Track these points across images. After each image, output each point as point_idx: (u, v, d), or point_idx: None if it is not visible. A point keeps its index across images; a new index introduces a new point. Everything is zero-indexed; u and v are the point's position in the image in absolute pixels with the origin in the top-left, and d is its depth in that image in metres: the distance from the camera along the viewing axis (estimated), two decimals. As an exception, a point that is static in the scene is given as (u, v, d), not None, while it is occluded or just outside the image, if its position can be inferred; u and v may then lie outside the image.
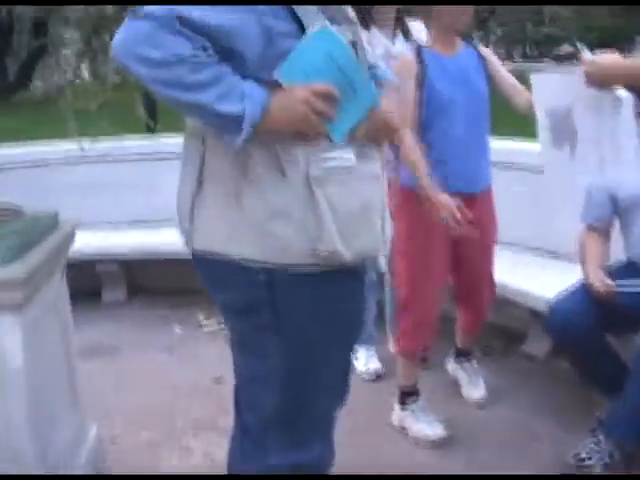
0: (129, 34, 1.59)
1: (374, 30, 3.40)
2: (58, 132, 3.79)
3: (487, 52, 3.13)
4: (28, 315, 2.17)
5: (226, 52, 1.63)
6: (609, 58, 2.42)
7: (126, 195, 5.04)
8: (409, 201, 2.98)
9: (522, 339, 3.94)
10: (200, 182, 1.78)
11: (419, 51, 2.97)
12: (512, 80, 3.06)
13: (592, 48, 2.49)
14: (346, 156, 1.75)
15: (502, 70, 3.08)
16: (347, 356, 1.96)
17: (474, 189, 3.04)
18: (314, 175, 1.70)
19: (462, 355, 3.53)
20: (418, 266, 3.04)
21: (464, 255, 3.12)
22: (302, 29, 1.67)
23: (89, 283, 4.86)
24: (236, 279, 1.77)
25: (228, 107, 1.60)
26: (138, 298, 4.92)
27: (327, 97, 1.67)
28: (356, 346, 2.29)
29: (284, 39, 1.66)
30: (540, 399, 3.44)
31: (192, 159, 1.81)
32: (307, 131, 1.68)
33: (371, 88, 1.77)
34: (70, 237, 2.54)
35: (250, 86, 1.64)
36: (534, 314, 3.65)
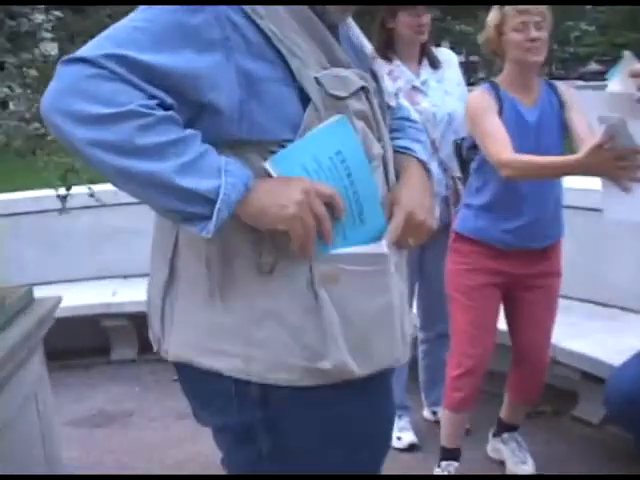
0: (58, 84, 1.22)
1: (397, 62, 3.14)
2: (35, 182, 3.53)
3: (568, 95, 2.74)
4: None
5: (195, 107, 1.27)
6: None
7: (136, 243, 4.71)
8: (461, 243, 2.83)
9: (573, 401, 3.55)
10: (171, 274, 1.41)
11: (497, 91, 2.67)
12: (583, 129, 2.59)
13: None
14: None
15: (577, 118, 2.65)
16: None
17: (542, 244, 2.79)
18: (321, 271, 1.31)
19: (505, 429, 3.16)
20: (474, 311, 2.83)
21: (526, 310, 2.89)
22: (293, 75, 1.30)
23: (98, 339, 4.58)
24: (222, 396, 1.39)
25: (196, 182, 1.21)
26: (149, 355, 4.55)
27: (329, 205, 1.30)
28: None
29: (269, 86, 1.28)
30: (594, 470, 3.07)
31: (163, 240, 1.43)
32: (292, 231, 1.28)
33: (382, 215, 1.40)
34: (48, 317, 2.17)
35: (226, 160, 1.26)
36: (587, 376, 3.28)
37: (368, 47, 1.59)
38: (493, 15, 2.67)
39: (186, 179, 1.20)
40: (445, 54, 3.31)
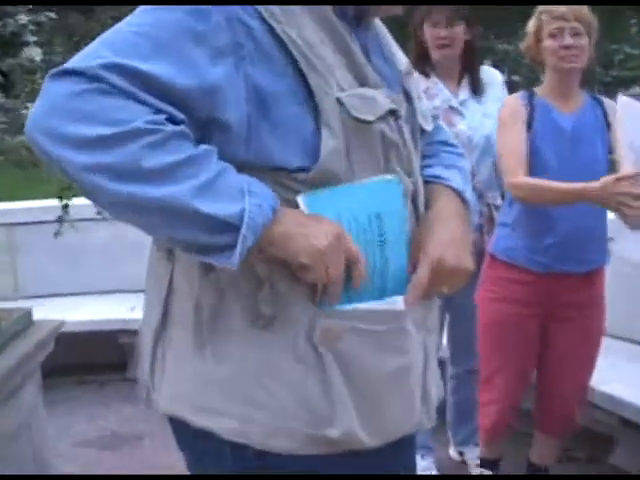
0: (45, 103, 1.05)
1: (435, 79, 2.96)
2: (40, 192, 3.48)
3: (612, 113, 2.54)
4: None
5: (204, 124, 1.11)
6: None
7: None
8: (494, 270, 2.69)
9: (610, 448, 3.31)
10: (165, 315, 1.25)
11: (531, 98, 2.58)
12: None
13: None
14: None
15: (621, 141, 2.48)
16: None
17: (583, 268, 2.60)
18: (323, 326, 1.15)
19: (535, 471, 2.94)
20: (499, 341, 2.70)
21: (559, 347, 2.69)
22: (311, 92, 1.13)
23: (115, 355, 4.44)
24: (215, 456, 1.23)
25: (216, 206, 1.04)
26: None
27: (351, 266, 1.14)
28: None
29: (282, 103, 1.12)
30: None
31: (158, 279, 1.28)
32: (313, 267, 1.11)
33: (405, 287, 1.23)
34: (47, 342, 2.03)
35: (248, 179, 1.09)
36: (626, 422, 3.06)
37: (403, 61, 1.41)
38: (532, 22, 2.61)
39: (205, 203, 1.04)
40: (488, 72, 3.14)
